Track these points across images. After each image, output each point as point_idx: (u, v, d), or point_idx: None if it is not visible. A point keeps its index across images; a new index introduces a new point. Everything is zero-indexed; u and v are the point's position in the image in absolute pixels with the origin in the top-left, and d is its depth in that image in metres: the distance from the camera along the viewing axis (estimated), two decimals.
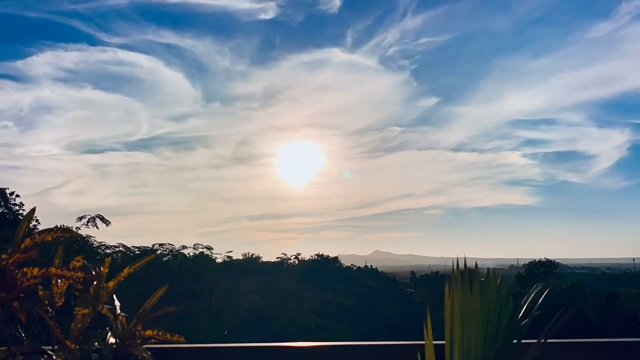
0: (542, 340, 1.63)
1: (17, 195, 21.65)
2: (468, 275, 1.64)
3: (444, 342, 1.68)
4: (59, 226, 1.33)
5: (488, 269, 1.66)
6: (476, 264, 1.70)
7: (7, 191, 21.34)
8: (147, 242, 22.62)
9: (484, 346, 1.62)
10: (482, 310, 1.63)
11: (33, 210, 1.29)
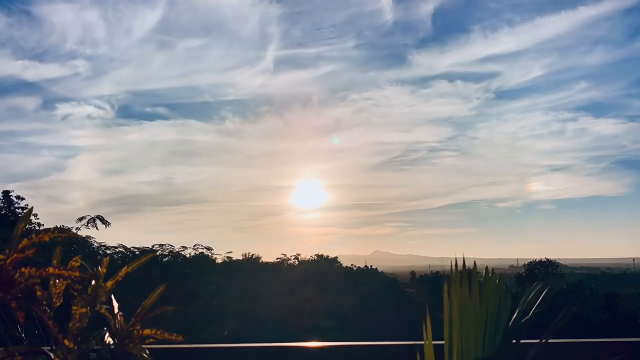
0: (543, 341, 1.63)
1: (23, 198, 21.83)
2: (467, 275, 1.64)
3: (443, 342, 1.68)
4: (57, 226, 1.33)
5: (487, 268, 1.65)
6: (474, 264, 1.70)
7: (12, 194, 21.54)
8: (183, 241, 22.63)
9: (483, 346, 1.62)
10: (480, 310, 1.62)
11: (30, 210, 1.29)
